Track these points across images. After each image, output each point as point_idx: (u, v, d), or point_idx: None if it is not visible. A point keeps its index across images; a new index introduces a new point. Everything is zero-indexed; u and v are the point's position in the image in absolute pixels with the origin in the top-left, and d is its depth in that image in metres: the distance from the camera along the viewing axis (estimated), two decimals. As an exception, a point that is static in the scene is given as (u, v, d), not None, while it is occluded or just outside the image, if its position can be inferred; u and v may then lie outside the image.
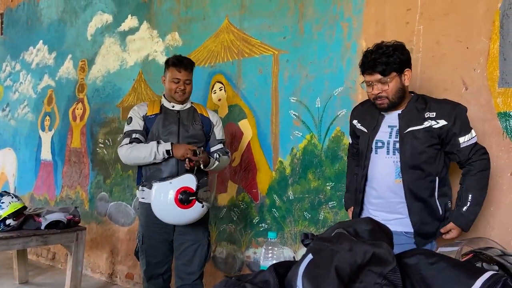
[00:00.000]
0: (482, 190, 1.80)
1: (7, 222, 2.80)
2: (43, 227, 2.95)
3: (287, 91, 2.78)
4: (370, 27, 2.46)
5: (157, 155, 2.33)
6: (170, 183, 2.22)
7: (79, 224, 3.19)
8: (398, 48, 1.77)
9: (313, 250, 0.88)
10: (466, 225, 1.79)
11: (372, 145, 1.87)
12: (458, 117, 1.77)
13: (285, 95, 2.79)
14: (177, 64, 2.42)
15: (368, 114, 1.95)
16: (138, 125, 2.44)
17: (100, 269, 4.02)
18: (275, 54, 2.86)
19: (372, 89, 1.81)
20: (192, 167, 2.28)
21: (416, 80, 2.26)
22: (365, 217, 1.14)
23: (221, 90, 3.16)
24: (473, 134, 1.80)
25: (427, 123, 1.78)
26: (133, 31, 3.82)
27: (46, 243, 3.03)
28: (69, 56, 4.46)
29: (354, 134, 2.08)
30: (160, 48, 3.59)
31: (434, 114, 1.78)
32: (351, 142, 2.18)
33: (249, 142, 2.98)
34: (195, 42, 3.33)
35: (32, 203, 4.75)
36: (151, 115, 2.45)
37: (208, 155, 2.44)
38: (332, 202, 2.55)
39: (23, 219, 2.93)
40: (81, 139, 4.29)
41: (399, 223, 1.80)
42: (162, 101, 2.52)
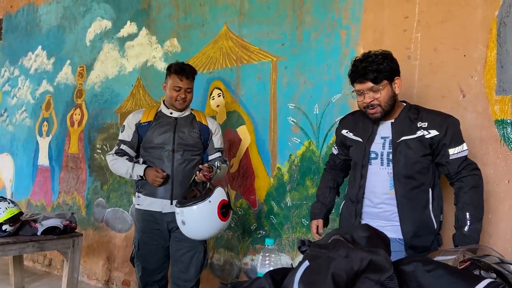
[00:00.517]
0: (478, 208, 1.74)
1: (4, 227, 2.78)
2: (39, 233, 2.93)
3: (285, 97, 2.78)
4: (368, 34, 2.47)
5: (132, 176, 2.41)
6: (210, 201, 2.16)
7: (75, 230, 3.17)
8: (387, 57, 1.76)
9: (310, 256, 0.87)
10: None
11: (369, 154, 1.84)
12: (450, 128, 1.75)
13: (283, 102, 2.79)
14: (179, 72, 2.39)
15: (360, 123, 1.91)
16: (127, 135, 2.47)
17: (97, 276, 3.99)
18: (273, 60, 2.87)
19: (364, 97, 1.78)
20: (204, 181, 2.26)
21: (414, 88, 2.27)
22: (362, 224, 1.14)
23: (219, 96, 3.16)
24: (464, 147, 1.77)
25: (419, 133, 1.76)
26: (132, 37, 3.83)
27: (42, 249, 3.01)
28: (68, 61, 4.47)
29: (343, 145, 2.03)
30: (159, 54, 3.60)
31: (426, 124, 1.76)
32: (335, 153, 2.13)
33: (247, 148, 2.98)
34: (194, 49, 3.34)
35: (29, 208, 4.72)
36: (144, 123, 2.45)
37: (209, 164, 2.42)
38: (330, 209, 2.54)
39: (20, 225, 2.91)
40: (78, 144, 4.28)
41: (393, 229, 1.78)
42: (161, 107, 2.52)
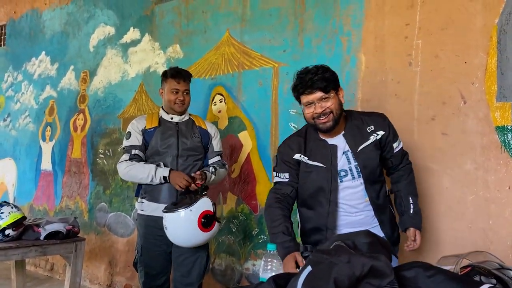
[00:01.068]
0: (415, 191, 1.94)
1: (7, 232, 2.79)
2: (42, 237, 2.93)
3: (286, 103, 2.80)
4: (369, 41, 2.49)
5: (154, 179, 2.34)
6: (191, 210, 2.17)
7: (78, 235, 3.18)
8: (328, 69, 1.78)
9: (312, 262, 0.89)
10: (419, 226, 1.87)
11: (337, 178, 1.81)
12: (390, 125, 1.87)
13: (284, 108, 2.81)
14: (175, 75, 2.45)
15: (311, 147, 1.86)
16: (137, 140, 2.45)
17: (99, 280, 4.00)
18: (275, 67, 2.89)
19: (315, 108, 1.75)
20: (196, 189, 2.29)
21: (415, 94, 2.29)
22: (363, 230, 1.15)
23: (221, 102, 3.18)
24: (399, 139, 1.90)
25: (372, 137, 1.82)
26: (135, 43, 3.86)
27: (45, 254, 3.01)
28: (71, 67, 4.50)
29: (294, 171, 1.88)
30: (162, 60, 3.62)
31: (373, 127, 1.83)
32: (285, 181, 1.88)
33: (248, 153, 2.99)
34: (196, 55, 3.37)
35: (32, 213, 4.74)
36: (149, 129, 2.46)
37: (204, 170, 2.44)
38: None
39: (23, 230, 2.92)
40: (81, 149, 4.30)
41: (376, 230, 1.82)
42: (160, 113, 2.54)
